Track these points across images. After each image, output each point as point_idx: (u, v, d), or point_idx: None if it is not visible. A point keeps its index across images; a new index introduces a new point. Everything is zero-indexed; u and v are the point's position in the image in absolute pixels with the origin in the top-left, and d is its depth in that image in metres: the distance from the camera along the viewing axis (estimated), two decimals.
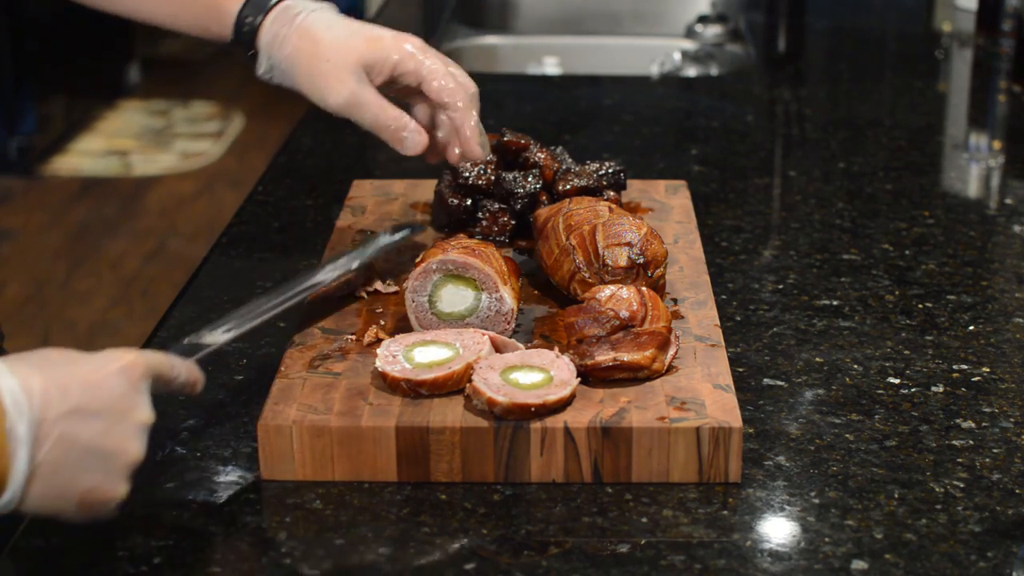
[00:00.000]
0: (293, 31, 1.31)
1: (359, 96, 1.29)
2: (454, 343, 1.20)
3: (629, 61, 2.80)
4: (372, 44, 1.30)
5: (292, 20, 1.31)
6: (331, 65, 1.29)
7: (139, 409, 0.99)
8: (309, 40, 1.30)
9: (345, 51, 1.29)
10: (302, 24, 1.31)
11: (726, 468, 1.11)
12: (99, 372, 0.97)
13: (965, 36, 2.63)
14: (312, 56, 1.30)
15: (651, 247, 1.30)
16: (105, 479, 0.96)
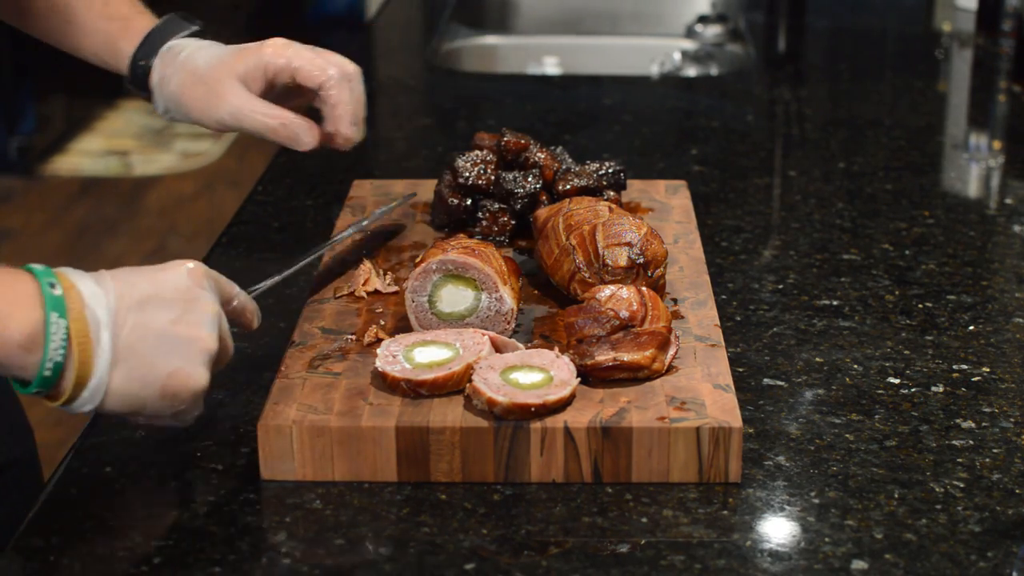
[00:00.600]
0: (176, 68, 1.34)
1: (239, 107, 1.30)
2: (454, 343, 1.20)
3: (629, 61, 2.80)
4: (239, 55, 1.32)
5: (175, 59, 1.34)
6: (208, 87, 1.31)
7: (205, 301, 1.05)
8: (188, 72, 1.33)
9: (218, 70, 1.32)
10: (183, 60, 1.34)
11: (726, 468, 1.11)
12: (164, 270, 1.06)
13: (965, 36, 2.63)
14: (192, 85, 1.33)
15: (651, 247, 1.30)
16: (184, 364, 1.02)
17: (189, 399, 1.03)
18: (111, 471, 1.14)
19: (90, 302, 1.00)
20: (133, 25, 1.38)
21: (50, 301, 0.98)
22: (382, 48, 2.79)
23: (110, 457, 1.16)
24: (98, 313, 1.00)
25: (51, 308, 0.98)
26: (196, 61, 1.33)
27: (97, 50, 1.39)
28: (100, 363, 0.99)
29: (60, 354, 0.98)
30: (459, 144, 1.75)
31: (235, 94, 1.30)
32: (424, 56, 2.60)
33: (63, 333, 0.97)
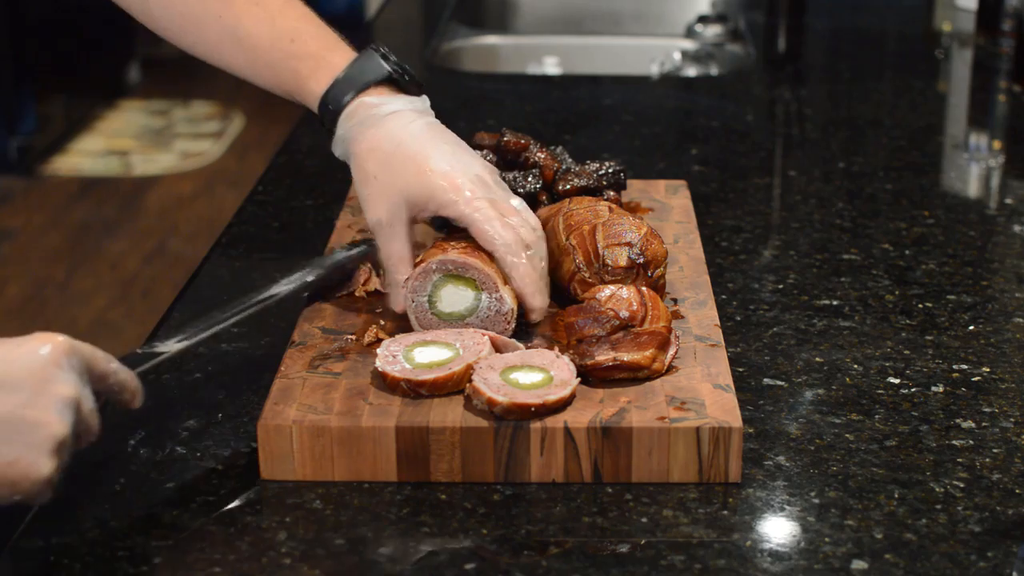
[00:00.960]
0: (362, 133, 1.28)
1: (383, 228, 1.26)
2: (454, 343, 1.20)
3: (629, 61, 2.80)
4: (419, 180, 1.25)
5: (364, 121, 1.28)
6: (377, 184, 1.26)
7: (59, 383, 0.97)
8: (369, 148, 1.26)
9: (392, 177, 1.25)
10: (371, 128, 1.27)
11: (726, 468, 1.11)
12: (16, 349, 0.97)
13: (965, 36, 2.63)
14: (366, 165, 1.27)
15: (651, 247, 1.30)
16: (27, 453, 0.95)
17: (29, 488, 0.97)
18: (111, 471, 1.14)
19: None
20: (323, 64, 1.30)
21: None
22: None
23: (110, 457, 1.16)
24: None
25: None
26: (380, 142, 1.26)
27: (287, 89, 1.33)
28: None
29: None
30: None
31: (389, 214, 1.25)
32: (424, 56, 2.61)
33: None
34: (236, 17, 1.32)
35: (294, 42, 1.31)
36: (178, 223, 4.63)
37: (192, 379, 1.28)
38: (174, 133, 5.49)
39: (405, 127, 1.27)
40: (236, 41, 1.32)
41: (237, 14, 1.32)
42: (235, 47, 1.33)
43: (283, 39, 1.31)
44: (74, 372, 0.99)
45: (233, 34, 1.32)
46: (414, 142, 1.26)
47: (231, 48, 1.33)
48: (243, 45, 1.32)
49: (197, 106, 5.73)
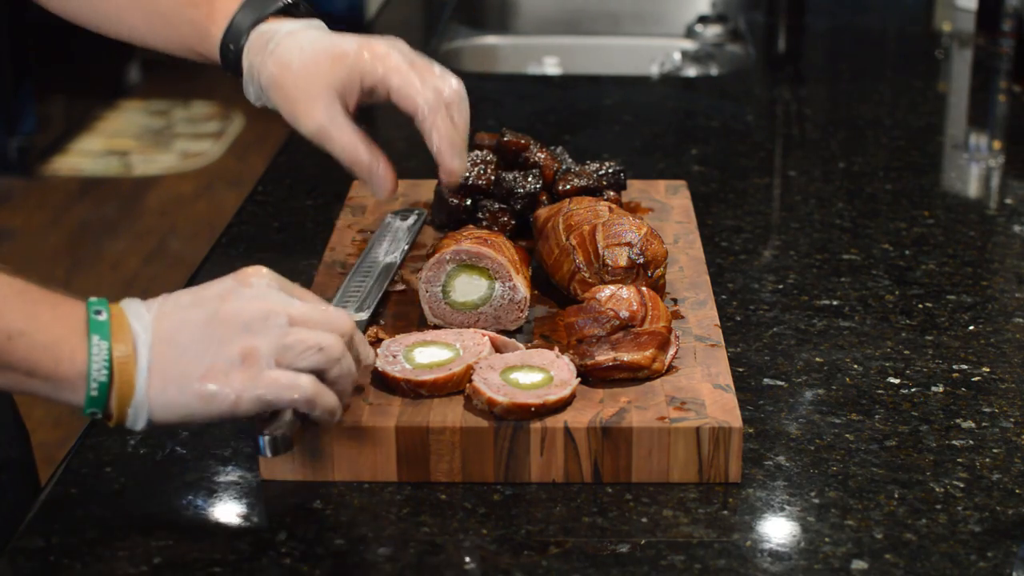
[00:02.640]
0: (267, 57, 1.25)
1: (327, 129, 1.22)
2: (454, 344, 1.20)
3: (629, 61, 2.80)
4: (336, 64, 1.22)
5: (265, 47, 1.26)
6: (300, 92, 1.23)
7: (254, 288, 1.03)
8: (280, 67, 1.24)
9: (311, 77, 1.23)
10: (275, 51, 1.25)
11: (726, 468, 1.11)
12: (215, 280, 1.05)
13: (965, 36, 2.63)
14: (283, 84, 1.24)
15: (651, 247, 1.30)
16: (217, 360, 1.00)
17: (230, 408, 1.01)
18: (111, 471, 1.14)
19: (133, 321, 1.00)
20: (219, 6, 1.29)
21: (93, 326, 0.99)
22: None
23: (110, 457, 1.16)
24: (137, 329, 1.00)
25: (93, 331, 0.99)
26: (288, 54, 1.23)
27: (186, 40, 1.31)
28: (139, 380, 1.00)
29: (104, 375, 0.99)
30: None
31: (324, 109, 1.22)
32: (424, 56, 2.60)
33: (105, 355, 0.99)
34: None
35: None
36: (178, 223, 4.63)
37: None
38: (174, 133, 5.49)
39: (306, 36, 1.25)
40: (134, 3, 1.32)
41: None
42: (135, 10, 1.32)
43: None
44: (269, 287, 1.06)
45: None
46: (319, 41, 1.24)
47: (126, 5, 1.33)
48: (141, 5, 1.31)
49: (197, 106, 5.73)
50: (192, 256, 4.03)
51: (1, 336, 0.99)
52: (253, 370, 1.00)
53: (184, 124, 5.58)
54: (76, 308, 1.01)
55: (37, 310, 1.00)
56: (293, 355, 1.01)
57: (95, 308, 1.01)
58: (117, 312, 1.01)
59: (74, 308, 1.01)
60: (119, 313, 1.01)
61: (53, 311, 1.01)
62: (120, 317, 1.01)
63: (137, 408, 1.01)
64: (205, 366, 1.00)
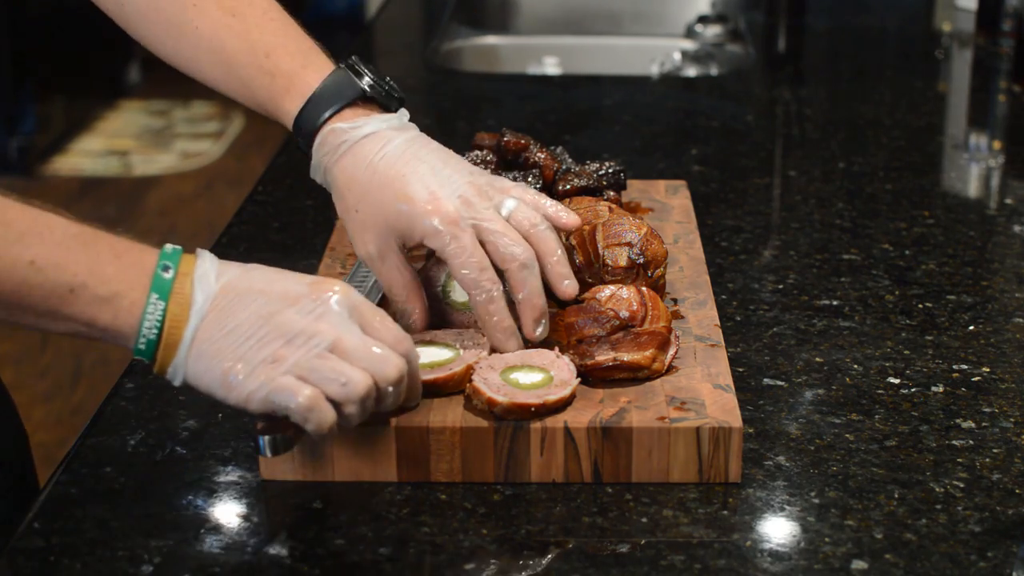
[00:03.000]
0: (336, 162, 1.21)
1: (375, 262, 1.21)
2: (454, 344, 1.20)
3: (629, 61, 2.80)
4: (400, 211, 1.17)
5: (336, 149, 1.21)
6: (359, 216, 1.20)
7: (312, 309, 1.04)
8: (346, 180, 1.20)
9: (373, 209, 1.19)
10: (344, 157, 1.21)
11: (726, 468, 1.11)
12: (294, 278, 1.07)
13: (965, 36, 2.63)
14: (345, 199, 1.21)
15: (651, 247, 1.30)
16: (238, 364, 1.02)
17: (243, 401, 1.03)
18: (111, 471, 1.14)
19: (197, 286, 1.03)
20: (297, 83, 1.24)
21: (156, 282, 1.02)
22: (382, 48, 2.79)
23: (110, 457, 1.16)
24: (198, 296, 1.03)
25: (154, 289, 1.02)
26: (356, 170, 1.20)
27: (263, 106, 1.28)
28: (183, 346, 1.03)
29: (154, 333, 1.02)
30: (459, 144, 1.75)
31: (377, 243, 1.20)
32: (424, 56, 2.61)
33: (159, 315, 1.02)
34: (212, 29, 1.26)
35: (268, 57, 1.25)
36: (178, 223, 4.63)
37: None
38: (174, 133, 5.49)
39: (380, 151, 1.20)
40: (212, 53, 1.27)
41: (214, 26, 1.26)
42: (211, 60, 1.28)
43: (257, 54, 1.25)
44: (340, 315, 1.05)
45: (209, 46, 1.27)
46: (390, 168, 1.19)
47: (208, 61, 1.28)
48: (219, 58, 1.27)
49: (197, 106, 5.73)
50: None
51: (63, 288, 1.01)
52: (272, 374, 1.02)
53: (184, 124, 5.59)
54: (144, 258, 1.04)
55: (101, 262, 1.03)
56: (316, 377, 1.02)
57: (164, 263, 1.03)
58: (186, 270, 1.04)
59: (142, 258, 1.04)
60: (187, 272, 1.04)
61: (118, 262, 1.03)
62: (186, 278, 1.03)
63: (176, 367, 1.04)
64: (237, 356, 1.02)
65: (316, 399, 1.02)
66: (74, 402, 3.56)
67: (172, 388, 1.22)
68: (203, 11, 1.27)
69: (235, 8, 1.27)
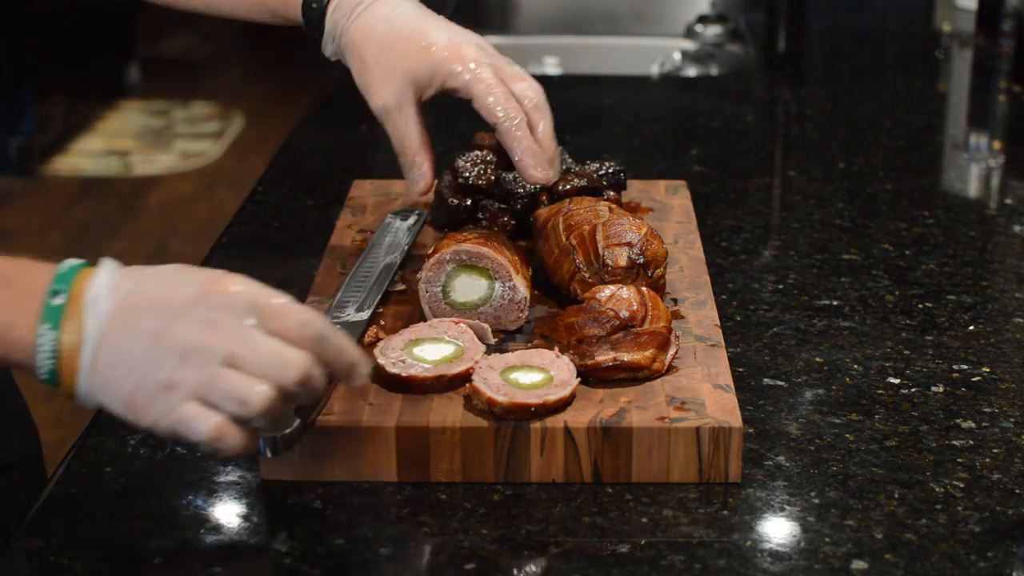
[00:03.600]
0: (353, 21, 1.26)
1: (391, 112, 1.24)
2: (456, 339, 1.20)
3: (629, 61, 2.80)
4: (421, 55, 1.24)
5: (353, 9, 1.27)
6: (378, 68, 1.24)
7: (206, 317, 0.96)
8: (364, 35, 1.25)
9: (392, 57, 1.24)
10: (362, 15, 1.26)
11: (726, 468, 1.11)
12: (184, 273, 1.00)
13: (965, 36, 2.63)
14: (362, 54, 1.25)
15: (651, 247, 1.30)
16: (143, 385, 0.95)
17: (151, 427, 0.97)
18: (111, 471, 1.14)
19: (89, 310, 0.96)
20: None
21: (46, 312, 0.96)
22: None
23: (110, 457, 1.16)
24: (90, 322, 0.96)
25: (44, 320, 0.96)
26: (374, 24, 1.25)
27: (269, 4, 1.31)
28: (82, 374, 0.97)
29: (49, 364, 0.97)
30: (459, 144, 1.75)
31: (395, 93, 1.23)
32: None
33: (50, 345, 0.96)
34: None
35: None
36: (178, 223, 4.63)
37: None
38: (174, 133, 5.49)
39: (395, 9, 1.27)
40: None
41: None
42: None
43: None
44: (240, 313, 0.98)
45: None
46: (409, 21, 1.26)
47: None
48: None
49: (197, 106, 5.73)
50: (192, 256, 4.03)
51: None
52: (171, 401, 0.95)
53: (184, 124, 5.58)
54: (36, 283, 0.97)
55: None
56: (215, 398, 0.96)
57: (55, 288, 0.97)
58: (78, 292, 0.97)
59: (34, 284, 0.97)
60: (78, 294, 0.97)
61: (7, 291, 0.97)
62: (78, 302, 0.97)
63: (81, 396, 0.98)
64: (133, 385, 0.96)
65: (220, 427, 0.96)
66: (74, 402, 3.56)
67: None
68: None
69: None
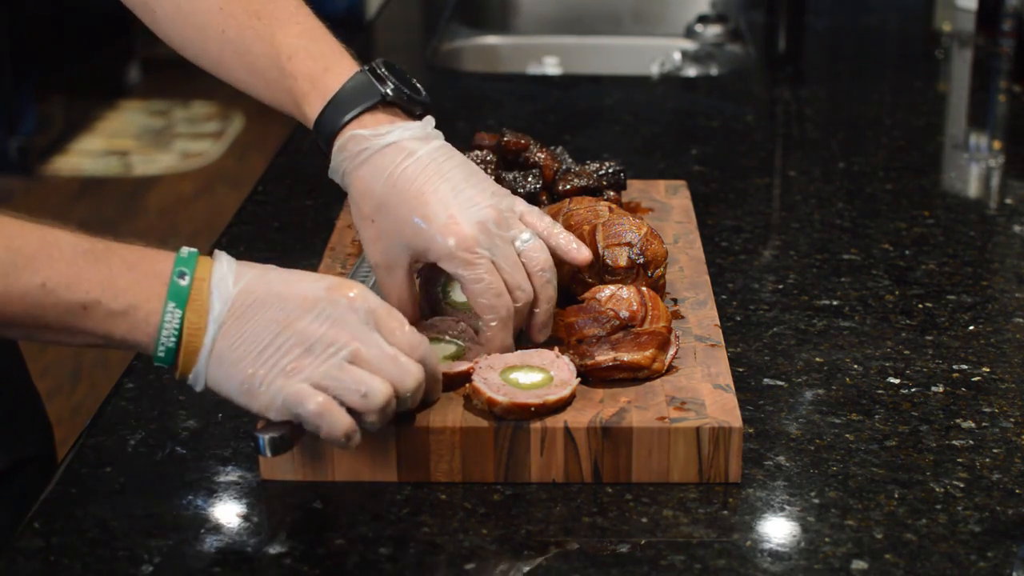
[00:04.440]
0: (356, 169, 1.19)
1: (381, 272, 1.20)
2: (458, 339, 1.20)
3: (629, 61, 2.80)
4: (416, 230, 1.16)
5: (357, 156, 1.19)
6: (374, 228, 1.19)
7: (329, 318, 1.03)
8: (363, 187, 1.19)
9: (388, 223, 1.18)
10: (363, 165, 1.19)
11: (726, 468, 1.11)
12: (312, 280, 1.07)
13: (965, 36, 2.63)
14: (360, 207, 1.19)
15: (651, 247, 1.30)
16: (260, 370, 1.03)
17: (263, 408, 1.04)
18: (111, 471, 1.14)
19: (215, 292, 1.03)
20: (318, 86, 1.22)
21: (172, 290, 1.03)
22: (382, 48, 2.79)
23: (110, 457, 1.16)
24: (215, 303, 1.03)
25: (171, 297, 1.02)
26: (375, 181, 1.18)
27: (283, 106, 1.26)
28: (203, 352, 1.03)
29: (172, 341, 1.03)
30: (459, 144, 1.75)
31: (383, 255, 1.19)
32: (424, 56, 2.60)
33: (176, 323, 1.02)
34: (238, 31, 1.26)
35: (291, 60, 1.24)
36: (178, 223, 4.63)
37: None
38: (174, 133, 5.49)
39: (401, 164, 1.18)
40: (237, 56, 1.27)
41: (239, 28, 1.26)
42: (236, 62, 1.28)
43: (280, 56, 1.24)
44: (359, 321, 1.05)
45: (234, 49, 1.27)
46: (410, 184, 1.17)
47: (232, 63, 1.28)
48: (243, 60, 1.27)
49: (197, 106, 5.73)
50: None
51: (76, 307, 1.01)
52: (291, 381, 1.03)
53: (184, 124, 5.59)
54: (159, 267, 1.04)
55: (113, 275, 1.02)
56: (337, 386, 1.03)
57: (180, 269, 1.03)
58: (202, 275, 1.04)
59: (156, 267, 1.04)
60: (203, 277, 1.04)
61: (130, 274, 1.03)
62: (203, 283, 1.03)
63: (197, 374, 1.04)
64: (257, 365, 1.03)
65: (326, 406, 1.03)
66: (74, 402, 3.56)
67: (172, 388, 1.22)
68: (230, 14, 1.26)
69: (261, 11, 1.26)
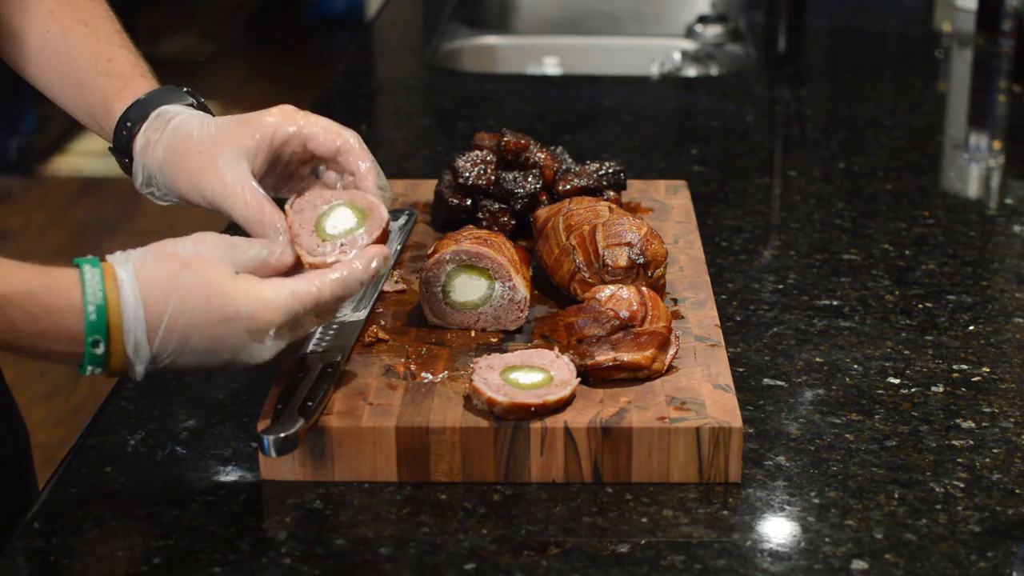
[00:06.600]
0: (166, 134, 1.21)
1: (232, 187, 1.17)
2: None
3: (629, 61, 2.80)
4: (243, 125, 1.18)
5: (165, 124, 1.21)
6: (202, 157, 1.18)
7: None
8: (180, 138, 1.20)
9: (217, 140, 1.18)
10: (175, 126, 1.21)
11: (726, 468, 1.11)
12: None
13: (965, 36, 2.63)
14: (184, 154, 1.20)
15: (651, 247, 1.30)
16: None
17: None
18: (111, 471, 1.14)
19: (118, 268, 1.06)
20: (131, 86, 1.27)
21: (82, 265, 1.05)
22: (382, 48, 2.79)
23: (110, 457, 1.16)
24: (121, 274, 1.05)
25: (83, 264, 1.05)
26: (190, 129, 1.20)
27: (91, 108, 1.30)
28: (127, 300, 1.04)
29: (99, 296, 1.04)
30: (459, 144, 1.75)
31: (231, 170, 1.18)
32: (424, 56, 2.61)
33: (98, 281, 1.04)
34: (63, 33, 1.31)
35: (111, 62, 1.29)
36: (178, 223, 4.63)
37: (192, 379, 1.27)
38: None
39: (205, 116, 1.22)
40: (54, 56, 1.31)
41: (64, 31, 1.31)
42: (52, 61, 1.31)
43: (100, 58, 1.29)
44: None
45: (54, 50, 1.30)
46: (221, 118, 1.21)
47: (48, 63, 1.32)
48: (60, 60, 1.30)
49: None
50: None
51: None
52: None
53: None
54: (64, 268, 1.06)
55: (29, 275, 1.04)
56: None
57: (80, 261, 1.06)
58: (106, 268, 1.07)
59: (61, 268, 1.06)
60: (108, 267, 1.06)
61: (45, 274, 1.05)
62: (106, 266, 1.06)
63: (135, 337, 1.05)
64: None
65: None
66: (74, 402, 3.56)
67: (172, 388, 1.22)
68: (58, 17, 1.31)
69: (89, 20, 1.32)
